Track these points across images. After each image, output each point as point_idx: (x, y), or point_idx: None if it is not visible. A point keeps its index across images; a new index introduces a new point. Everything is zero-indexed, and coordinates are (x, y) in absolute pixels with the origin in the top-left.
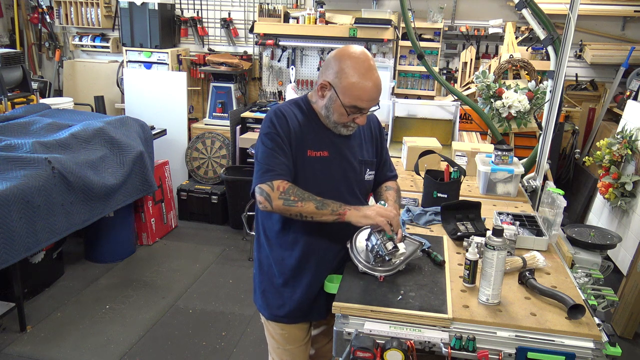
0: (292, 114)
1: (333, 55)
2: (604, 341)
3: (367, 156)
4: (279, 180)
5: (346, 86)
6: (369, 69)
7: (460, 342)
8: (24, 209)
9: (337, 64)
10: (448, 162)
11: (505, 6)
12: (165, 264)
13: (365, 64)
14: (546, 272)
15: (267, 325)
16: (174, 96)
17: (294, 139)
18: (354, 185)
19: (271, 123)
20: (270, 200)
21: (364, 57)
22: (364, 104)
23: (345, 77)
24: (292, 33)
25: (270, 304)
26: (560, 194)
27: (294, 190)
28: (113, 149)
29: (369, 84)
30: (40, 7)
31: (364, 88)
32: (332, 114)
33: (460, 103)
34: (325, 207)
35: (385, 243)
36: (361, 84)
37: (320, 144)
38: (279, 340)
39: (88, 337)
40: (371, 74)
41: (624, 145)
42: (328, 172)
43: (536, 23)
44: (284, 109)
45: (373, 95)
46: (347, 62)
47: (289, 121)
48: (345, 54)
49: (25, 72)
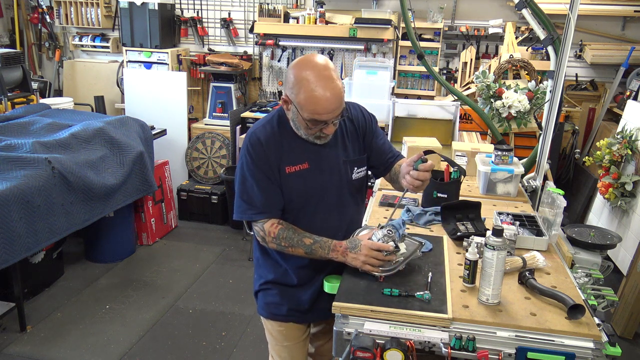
0: (267, 135)
1: (290, 68)
2: (604, 341)
3: (353, 155)
4: (269, 224)
5: (302, 100)
6: (324, 79)
7: (460, 342)
8: (24, 209)
9: (293, 77)
10: (448, 162)
11: (505, 6)
12: (165, 264)
13: (321, 74)
14: (546, 272)
15: (266, 323)
16: (174, 96)
17: (274, 160)
18: (342, 189)
19: (248, 154)
20: (266, 242)
21: (320, 66)
22: (322, 117)
23: (300, 90)
24: (292, 33)
25: (269, 303)
26: (560, 194)
27: (284, 235)
28: (113, 149)
29: (324, 95)
30: (40, 7)
31: (318, 101)
32: (299, 127)
33: (460, 103)
34: (313, 253)
35: (387, 243)
36: (316, 96)
37: (298, 157)
38: (277, 337)
39: (88, 337)
40: (327, 84)
41: (624, 145)
42: (311, 184)
43: (536, 23)
44: (259, 132)
45: (330, 106)
46: (302, 74)
47: (264, 146)
48: (299, 65)
49: (25, 72)
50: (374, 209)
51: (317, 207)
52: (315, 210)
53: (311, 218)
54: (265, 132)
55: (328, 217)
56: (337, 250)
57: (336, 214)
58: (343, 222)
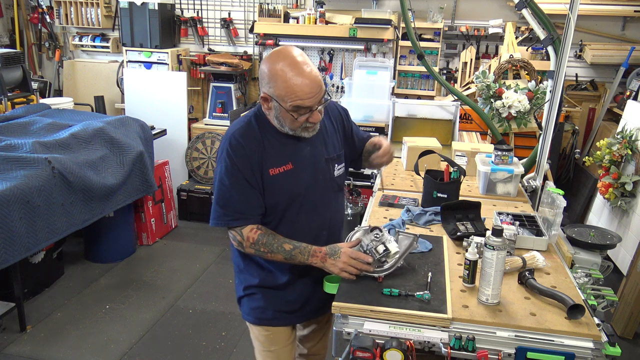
0: (248, 136)
1: (262, 64)
2: (604, 341)
3: (334, 151)
4: (247, 229)
5: (281, 91)
6: (300, 65)
7: (459, 342)
8: (24, 209)
9: (267, 72)
10: (448, 162)
11: (505, 6)
12: (165, 264)
13: (295, 61)
14: (546, 272)
15: (252, 329)
16: (174, 96)
17: (256, 163)
18: (325, 187)
19: (228, 157)
20: (243, 247)
21: (292, 55)
22: (305, 102)
23: (277, 82)
24: (292, 33)
25: (254, 308)
26: (560, 194)
27: (264, 240)
28: (113, 149)
29: (302, 80)
30: (40, 7)
31: (298, 86)
32: (284, 122)
33: (460, 103)
34: (293, 259)
35: (376, 247)
36: (294, 83)
37: (282, 158)
38: (264, 342)
39: (88, 337)
40: (302, 68)
41: (624, 145)
42: (295, 183)
43: (536, 23)
44: (239, 134)
45: (312, 90)
46: (275, 66)
47: (245, 148)
48: (271, 58)
49: (25, 72)
50: (374, 209)
51: (302, 207)
52: (300, 210)
53: (295, 218)
54: (246, 133)
55: (312, 216)
56: (316, 256)
57: (320, 212)
58: (327, 220)
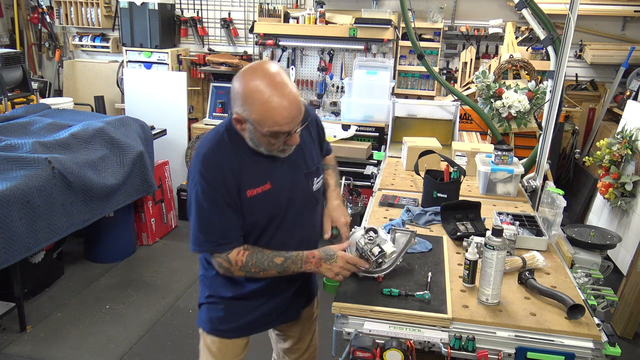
0: (221, 156)
1: (235, 81)
2: (604, 341)
3: (313, 164)
4: (234, 253)
5: (257, 115)
6: (277, 86)
7: (459, 342)
8: (24, 209)
9: (241, 92)
10: (448, 162)
11: (505, 6)
12: (165, 264)
13: (272, 80)
14: (546, 272)
15: (205, 337)
16: (174, 96)
17: (232, 184)
18: (305, 202)
19: (202, 178)
20: (231, 272)
21: (269, 72)
22: (284, 127)
23: (253, 105)
24: (292, 33)
25: (213, 317)
26: (560, 194)
27: (253, 261)
28: (113, 149)
29: (281, 104)
30: (40, 7)
31: (276, 110)
32: (260, 144)
33: (460, 103)
34: (286, 271)
35: (372, 249)
36: (272, 107)
37: (259, 178)
38: (216, 354)
39: (88, 337)
40: (281, 90)
41: (624, 145)
42: (274, 203)
43: (536, 23)
44: (211, 154)
45: (290, 115)
46: (251, 86)
47: (220, 169)
48: (246, 76)
49: (25, 72)
50: (374, 209)
51: (281, 225)
52: (279, 228)
53: (274, 235)
54: (219, 152)
55: (291, 233)
56: (310, 262)
57: (299, 228)
58: (305, 236)
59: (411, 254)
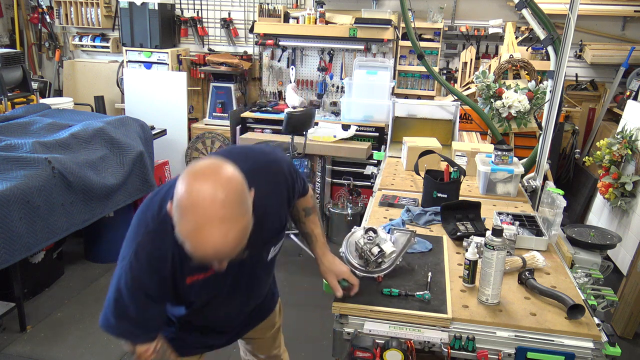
0: (159, 248)
1: (181, 179)
2: (604, 341)
3: (273, 231)
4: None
5: (184, 235)
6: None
7: (459, 342)
8: (24, 209)
9: (179, 197)
10: (448, 162)
11: (505, 6)
12: None
13: (216, 208)
14: (546, 272)
15: None
16: (174, 96)
17: (168, 276)
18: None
19: (131, 269)
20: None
21: (218, 198)
22: (208, 260)
23: (182, 220)
24: (292, 33)
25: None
26: (560, 194)
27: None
28: (113, 149)
29: (212, 241)
30: (40, 7)
31: (204, 245)
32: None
33: (460, 103)
34: None
35: (371, 249)
36: (201, 243)
37: (202, 266)
38: None
39: (88, 337)
40: (219, 226)
41: (624, 145)
42: (218, 285)
43: (536, 23)
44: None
45: (222, 255)
46: (190, 198)
47: (155, 262)
48: (189, 186)
49: (25, 72)
50: (374, 209)
51: (225, 300)
52: (222, 302)
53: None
54: (159, 242)
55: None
56: None
57: (246, 297)
58: (252, 301)
59: (411, 254)
